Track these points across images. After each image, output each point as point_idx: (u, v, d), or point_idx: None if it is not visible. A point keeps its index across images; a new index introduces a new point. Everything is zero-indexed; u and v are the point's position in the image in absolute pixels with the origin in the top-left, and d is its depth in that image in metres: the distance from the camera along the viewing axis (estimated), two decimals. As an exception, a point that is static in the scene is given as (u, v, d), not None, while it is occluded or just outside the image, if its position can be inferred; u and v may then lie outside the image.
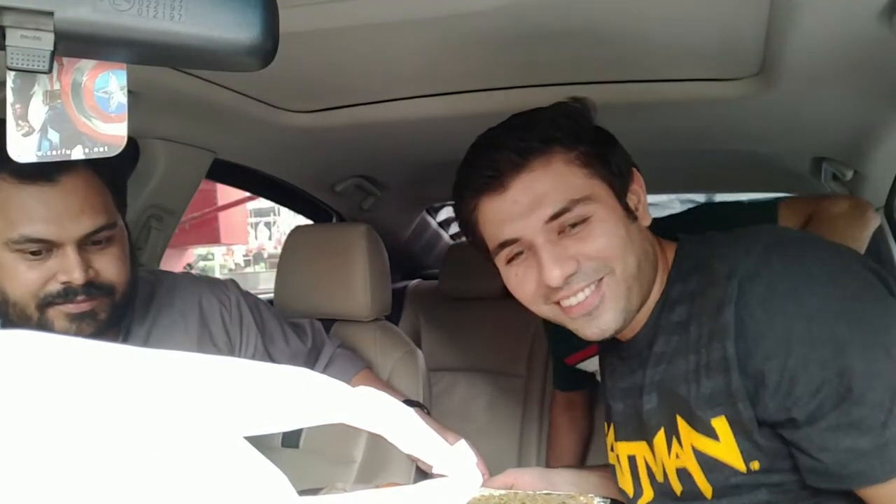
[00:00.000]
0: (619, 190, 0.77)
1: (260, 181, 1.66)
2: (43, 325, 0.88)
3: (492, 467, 1.03)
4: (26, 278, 0.86)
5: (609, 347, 0.88)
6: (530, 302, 0.83)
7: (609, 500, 0.86)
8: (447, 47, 0.91)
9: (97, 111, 0.39)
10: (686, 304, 0.76)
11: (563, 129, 0.76)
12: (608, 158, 0.77)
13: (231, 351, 1.12)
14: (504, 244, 0.78)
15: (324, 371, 1.24)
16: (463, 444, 0.25)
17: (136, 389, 0.22)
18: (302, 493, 0.78)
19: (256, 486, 0.22)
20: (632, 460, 0.84)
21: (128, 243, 0.96)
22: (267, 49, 0.38)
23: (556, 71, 1.03)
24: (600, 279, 0.74)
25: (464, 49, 0.91)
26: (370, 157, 1.65)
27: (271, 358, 1.18)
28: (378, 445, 1.23)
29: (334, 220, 1.95)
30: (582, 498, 0.88)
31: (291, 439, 1.30)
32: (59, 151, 0.39)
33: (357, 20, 0.80)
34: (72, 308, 0.88)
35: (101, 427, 0.21)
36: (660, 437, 0.77)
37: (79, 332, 0.89)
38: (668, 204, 2.45)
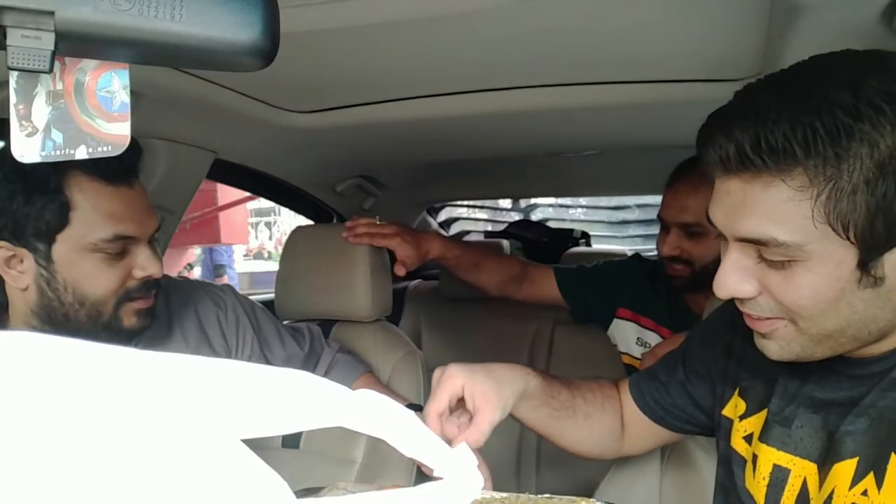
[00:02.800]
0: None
1: (260, 181, 1.66)
2: (112, 324, 0.94)
3: (491, 467, 1.03)
4: (109, 277, 0.91)
5: None
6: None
7: None
8: (447, 47, 0.91)
9: (100, 111, 0.39)
10: None
11: None
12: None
13: (228, 354, 1.13)
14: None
15: (325, 375, 1.24)
16: (464, 447, 0.25)
17: (135, 391, 0.22)
18: (303, 492, 0.78)
19: (254, 488, 0.21)
20: (779, 473, 0.72)
21: None
22: (267, 49, 0.38)
23: (557, 71, 1.03)
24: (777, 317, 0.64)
25: (464, 49, 0.91)
26: (371, 158, 1.65)
27: (268, 362, 1.18)
28: (378, 446, 1.23)
29: (335, 220, 1.95)
30: (582, 502, 0.88)
31: (292, 440, 1.30)
32: (62, 151, 0.39)
33: (357, 20, 0.80)
34: (142, 304, 0.96)
35: (98, 429, 0.20)
36: (846, 465, 0.65)
37: (141, 327, 0.97)
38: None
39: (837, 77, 0.56)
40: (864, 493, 0.63)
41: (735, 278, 0.63)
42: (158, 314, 1.07)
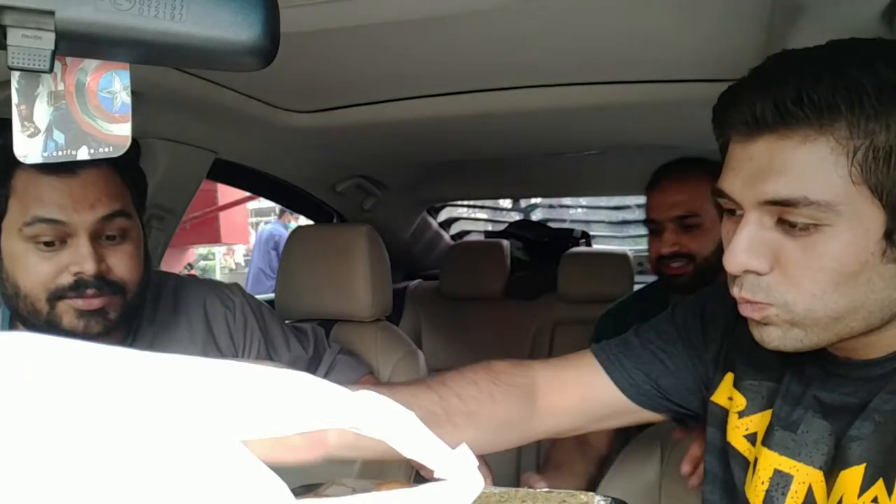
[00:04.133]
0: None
1: (261, 181, 1.66)
2: (52, 321, 0.88)
3: (491, 467, 1.03)
4: (38, 270, 0.86)
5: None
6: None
7: (610, 500, 0.85)
8: (447, 47, 0.91)
9: (101, 111, 0.39)
10: None
11: None
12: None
13: (234, 355, 1.12)
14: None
15: (325, 376, 1.24)
16: (465, 448, 0.25)
17: (135, 392, 0.22)
18: (302, 488, 0.78)
19: (253, 489, 0.21)
20: (780, 478, 0.69)
21: (143, 245, 0.97)
22: (268, 49, 0.38)
23: (557, 71, 1.03)
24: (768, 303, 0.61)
25: (464, 49, 0.91)
26: (371, 157, 1.65)
27: (273, 364, 1.17)
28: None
29: (335, 220, 1.95)
30: (583, 496, 0.87)
31: (292, 440, 1.30)
32: (64, 152, 0.39)
33: (357, 20, 0.80)
34: (81, 303, 0.88)
35: (98, 429, 0.20)
36: (854, 472, 0.63)
37: (87, 330, 0.89)
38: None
39: (875, 48, 0.56)
40: (875, 500, 0.60)
41: (750, 251, 0.59)
42: (167, 313, 1.05)
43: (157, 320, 1.05)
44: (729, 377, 0.77)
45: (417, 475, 1.18)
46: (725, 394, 0.78)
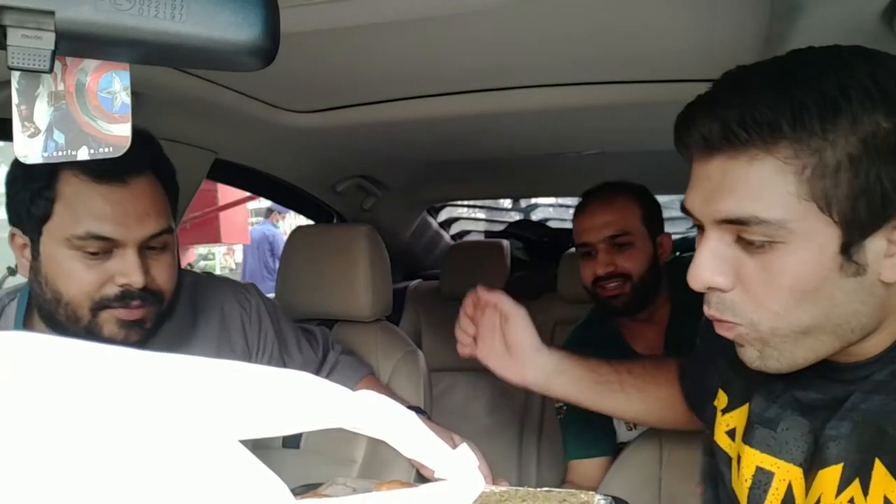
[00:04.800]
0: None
1: (261, 181, 1.66)
2: (92, 329, 0.87)
3: (491, 468, 1.03)
4: (84, 278, 0.85)
5: None
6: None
7: (610, 499, 0.85)
8: (447, 47, 0.91)
9: (101, 112, 0.39)
10: None
11: None
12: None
13: (247, 357, 1.11)
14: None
15: (327, 377, 1.24)
16: (465, 448, 0.25)
17: (134, 392, 0.22)
18: (302, 487, 0.78)
19: (252, 489, 0.21)
20: (762, 475, 0.70)
21: (177, 252, 0.96)
22: (268, 49, 0.38)
23: (557, 71, 1.03)
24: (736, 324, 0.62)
25: (463, 49, 0.91)
26: (371, 158, 1.65)
27: (285, 366, 1.16)
28: (379, 446, 1.23)
29: (335, 220, 1.95)
30: (583, 495, 0.87)
31: (292, 440, 1.30)
32: (65, 152, 0.39)
33: (357, 20, 0.80)
34: (124, 314, 0.87)
35: (97, 429, 0.20)
36: (831, 471, 0.63)
37: (126, 340, 0.88)
38: (669, 204, 2.45)
39: (824, 61, 0.56)
40: (851, 500, 0.61)
41: (712, 267, 0.60)
42: (185, 311, 1.04)
43: (174, 319, 1.03)
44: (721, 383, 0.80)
45: (418, 474, 1.18)
46: (718, 396, 0.80)
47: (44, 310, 0.89)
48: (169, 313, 0.97)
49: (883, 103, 0.53)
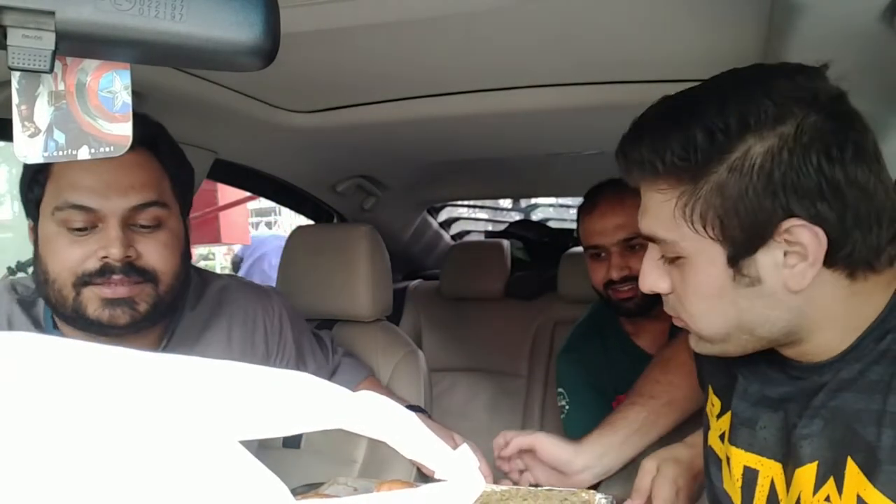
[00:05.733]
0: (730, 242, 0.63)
1: (261, 181, 1.66)
2: (77, 309, 0.85)
3: (492, 468, 1.03)
4: (67, 254, 0.83)
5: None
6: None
7: (611, 498, 0.85)
8: (447, 47, 0.91)
9: (102, 111, 0.39)
10: None
11: None
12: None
13: (265, 362, 1.10)
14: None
15: (330, 379, 1.24)
16: (465, 449, 0.25)
17: (135, 392, 0.22)
18: (304, 487, 0.78)
19: (252, 489, 0.21)
20: (750, 474, 0.73)
21: (183, 239, 0.94)
22: (268, 49, 0.38)
23: (557, 72, 1.03)
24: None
25: (463, 49, 0.91)
26: (371, 158, 1.65)
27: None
28: (379, 447, 1.23)
29: (335, 220, 1.95)
30: (584, 494, 0.87)
31: (293, 440, 1.30)
32: (65, 152, 0.39)
33: (357, 20, 0.80)
34: (108, 292, 0.84)
35: (98, 430, 0.20)
36: (807, 470, 0.65)
37: (113, 321, 0.85)
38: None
39: (710, 93, 0.64)
40: (828, 499, 0.62)
41: (654, 275, 0.69)
42: (209, 314, 1.03)
43: (198, 321, 1.02)
44: (710, 388, 0.83)
45: (419, 475, 1.18)
46: (710, 401, 0.83)
47: (41, 295, 0.88)
48: (175, 303, 0.94)
49: (756, 129, 0.59)
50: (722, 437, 0.78)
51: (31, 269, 0.93)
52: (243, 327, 1.07)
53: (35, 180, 0.86)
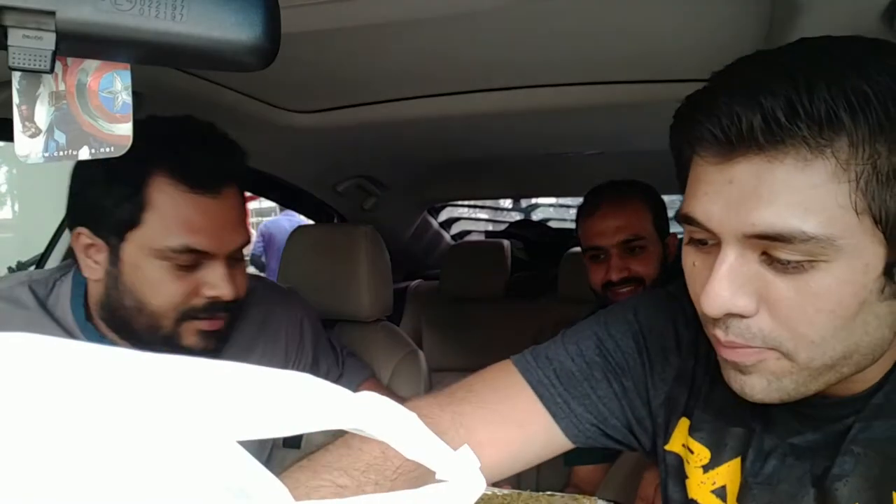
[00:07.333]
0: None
1: (261, 181, 1.66)
2: (171, 339, 0.86)
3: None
4: (172, 290, 0.83)
5: None
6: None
7: (612, 503, 0.85)
8: (447, 47, 0.91)
9: (102, 111, 0.39)
10: None
11: None
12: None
13: (283, 365, 1.10)
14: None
15: (335, 381, 1.24)
16: (466, 449, 0.25)
17: (135, 393, 0.22)
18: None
19: (252, 489, 0.21)
20: None
21: None
22: (268, 49, 0.38)
23: (557, 71, 1.03)
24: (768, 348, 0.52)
25: (463, 49, 0.91)
26: (371, 158, 1.65)
27: None
28: (379, 446, 1.23)
29: (336, 220, 1.96)
30: (585, 500, 0.87)
31: (293, 440, 1.29)
32: (66, 152, 0.39)
33: (357, 20, 0.80)
34: (206, 325, 0.86)
35: (97, 430, 0.20)
36: None
37: (205, 349, 0.87)
38: (671, 205, 2.45)
39: (858, 47, 0.48)
40: None
41: (733, 290, 0.50)
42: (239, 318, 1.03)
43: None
44: (684, 423, 0.67)
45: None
46: (680, 440, 0.68)
47: (116, 315, 0.86)
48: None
49: None
50: (720, 492, 0.64)
51: (30, 270, 0.93)
52: (266, 332, 1.07)
53: (129, 200, 0.81)
